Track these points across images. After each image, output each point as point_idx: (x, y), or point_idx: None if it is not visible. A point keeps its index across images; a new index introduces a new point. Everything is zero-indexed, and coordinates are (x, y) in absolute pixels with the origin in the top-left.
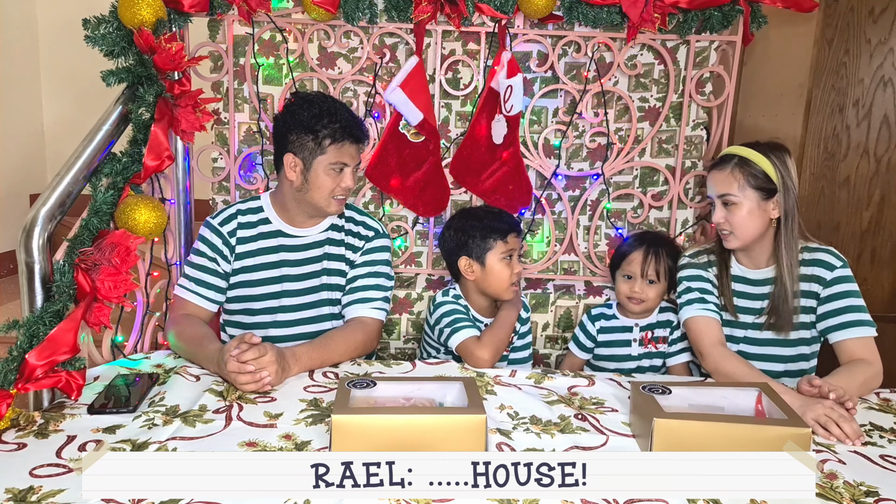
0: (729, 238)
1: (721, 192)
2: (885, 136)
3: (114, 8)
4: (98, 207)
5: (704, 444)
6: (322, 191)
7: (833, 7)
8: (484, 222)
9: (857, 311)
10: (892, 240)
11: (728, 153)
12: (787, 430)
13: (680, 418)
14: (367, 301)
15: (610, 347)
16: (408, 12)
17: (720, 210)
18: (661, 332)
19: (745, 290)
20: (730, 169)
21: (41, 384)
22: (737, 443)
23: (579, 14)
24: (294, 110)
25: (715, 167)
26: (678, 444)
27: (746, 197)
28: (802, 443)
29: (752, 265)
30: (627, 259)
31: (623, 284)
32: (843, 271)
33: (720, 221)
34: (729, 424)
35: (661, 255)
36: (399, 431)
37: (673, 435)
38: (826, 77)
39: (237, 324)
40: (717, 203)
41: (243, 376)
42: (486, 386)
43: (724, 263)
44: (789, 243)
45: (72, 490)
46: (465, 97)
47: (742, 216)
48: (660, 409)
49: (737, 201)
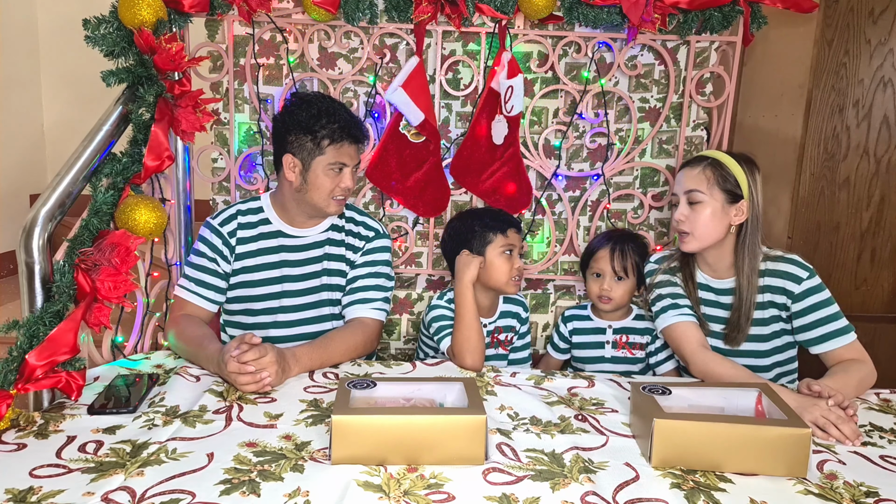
0: (687, 239)
1: (689, 188)
2: (885, 137)
3: (114, 8)
4: (98, 208)
5: (704, 445)
6: (321, 191)
7: (833, 8)
8: (484, 219)
9: (833, 321)
10: (892, 240)
11: (701, 155)
12: (787, 430)
13: (680, 419)
14: (367, 301)
15: (583, 349)
16: (408, 12)
17: (683, 207)
18: (639, 339)
19: (711, 298)
20: (701, 167)
21: (41, 384)
22: (737, 443)
23: (579, 14)
24: (293, 111)
25: (686, 165)
26: (678, 445)
27: (713, 197)
28: (802, 443)
29: (714, 274)
30: (595, 257)
31: (593, 284)
32: (811, 282)
33: (681, 219)
34: (729, 425)
35: (627, 251)
36: (399, 432)
37: (673, 435)
38: (826, 77)
39: (237, 324)
40: (682, 200)
41: (243, 377)
42: (486, 386)
43: (689, 270)
44: (751, 251)
45: (72, 490)
46: (466, 97)
47: (705, 216)
48: (660, 410)
49: (703, 199)
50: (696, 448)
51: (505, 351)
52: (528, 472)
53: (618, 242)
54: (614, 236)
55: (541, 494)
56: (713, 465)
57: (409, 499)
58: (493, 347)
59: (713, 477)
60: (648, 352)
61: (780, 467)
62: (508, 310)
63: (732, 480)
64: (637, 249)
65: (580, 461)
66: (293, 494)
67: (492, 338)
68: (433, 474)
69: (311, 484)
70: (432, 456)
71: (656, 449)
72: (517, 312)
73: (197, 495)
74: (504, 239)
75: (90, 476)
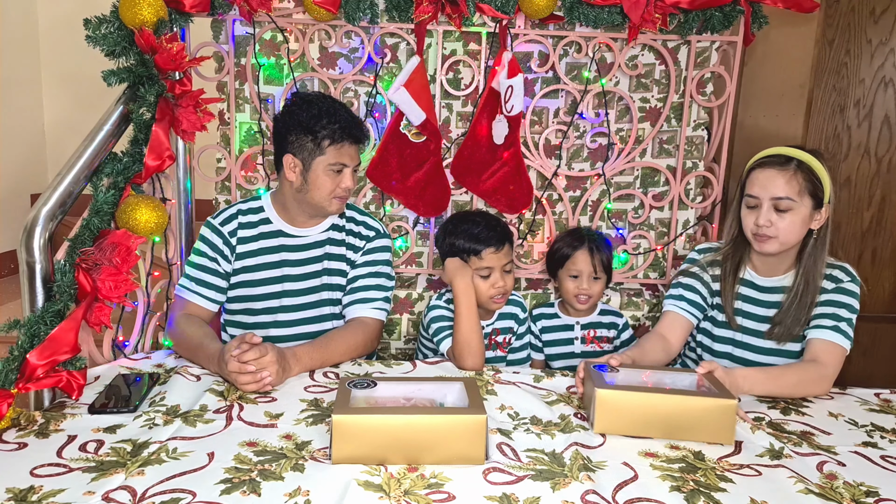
0: (769, 242)
1: (778, 195)
2: (885, 137)
3: (115, 8)
4: (99, 207)
5: (641, 413)
6: (322, 191)
7: (834, 7)
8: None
9: (840, 320)
10: (893, 240)
11: (783, 154)
12: (714, 400)
13: (619, 389)
14: (368, 301)
15: (554, 346)
16: (409, 12)
17: (769, 213)
18: (606, 333)
19: (750, 294)
20: (791, 172)
21: (42, 384)
22: (669, 412)
23: (580, 14)
24: (293, 111)
25: (770, 166)
26: (617, 412)
27: (802, 203)
28: (728, 413)
29: (768, 272)
30: (572, 259)
31: (570, 283)
32: (849, 285)
33: (766, 224)
34: (663, 395)
35: (601, 250)
36: (399, 431)
37: (613, 404)
38: (827, 77)
39: (238, 324)
40: (767, 205)
41: (244, 376)
42: (486, 386)
43: (735, 267)
44: (821, 256)
45: (72, 490)
46: (466, 97)
47: (793, 222)
48: (603, 382)
49: (793, 207)
50: (633, 416)
51: (503, 353)
52: (529, 471)
53: (591, 243)
54: (585, 237)
55: (541, 494)
56: (649, 431)
57: (409, 498)
58: (491, 349)
59: (713, 476)
60: (615, 345)
61: (709, 434)
62: (506, 311)
63: (733, 480)
64: (606, 248)
65: (579, 458)
66: (293, 494)
67: (490, 339)
68: (433, 474)
69: (311, 483)
70: (432, 456)
71: (598, 416)
72: (515, 314)
73: (197, 495)
74: (478, 262)
75: (91, 475)
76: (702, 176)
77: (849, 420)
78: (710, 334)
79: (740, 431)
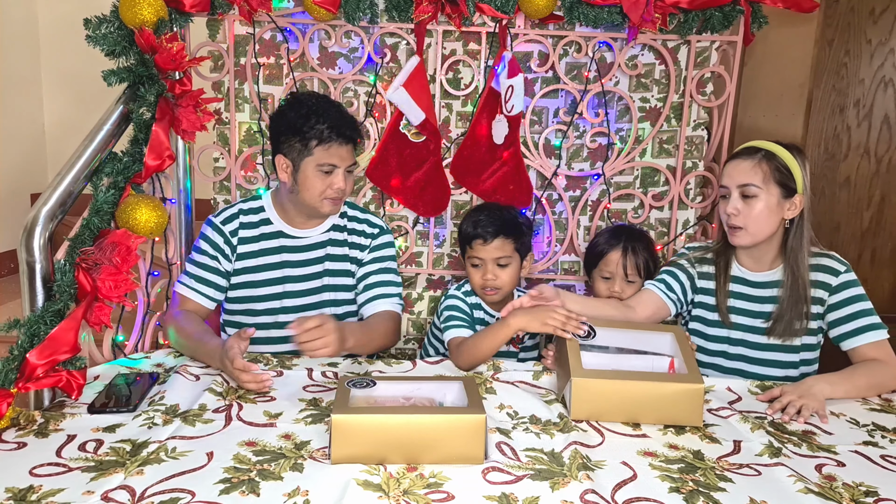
0: (739, 234)
1: (743, 182)
2: (885, 137)
3: (115, 8)
4: (99, 207)
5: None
6: (312, 192)
7: (833, 7)
8: (464, 224)
9: (867, 316)
10: (893, 240)
11: (752, 146)
12: (682, 385)
13: (594, 377)
14: (387, 297)
15: None
16: (408, 12)
17: (736, 201)
18: None
19: (743, 291)
20: (756, 160)
21: (42, 383)
22: (644, 395)
23: (580, 14)
24: (283, 111)
25: (738, 156)
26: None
27: (769, 191)
28: (695, 397)
29: (756, 267)
30: (605, 259)
31: (601, 284)
32: (848, 276)
33: (733, 213)
34: (637, 382)
35: (638, 252)
36: (399, 431)
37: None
38: (826, 77)
39: (238, 324)
40: (734, 193)
41: (246, 374)
42: (485, 385)
43: (725, 264)
44: (802, 246)
45: (71, 489)
46: (466, 97)
47: (760, 210)
48: (579, 367)
49: (758, 193)
50: (610, 403)
51: (516, 349)
52: (528, 471)
53: (628, 243)
54: (623, 236)
55: (540, 494)
56: (624, 416)
57: (408, 498)
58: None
59: (712, 476)
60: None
61: (678, 417)
62: None
63: (732, 480)
64: (646, 249)
65: (579, 458)
66: (293, 494)
67: None
68: (433, 473)
69: (310, 483)
70: (432, 455)
71: (574, 404)
72: None
73: (197, 494)
74: (470, 250)
75: (90, 475)
76: (701, 176)
77: (850, 419)
78: (703, 334)
79: (740, 431)
